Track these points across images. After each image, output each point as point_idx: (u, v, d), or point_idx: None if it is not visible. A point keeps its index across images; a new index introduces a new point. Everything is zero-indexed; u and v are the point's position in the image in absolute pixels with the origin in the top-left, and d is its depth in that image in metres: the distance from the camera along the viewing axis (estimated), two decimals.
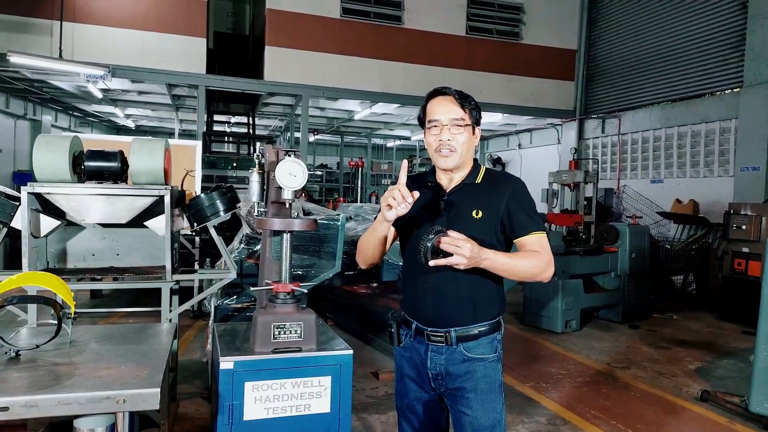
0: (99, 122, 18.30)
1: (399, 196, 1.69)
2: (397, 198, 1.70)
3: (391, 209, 1.72)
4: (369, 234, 1.97)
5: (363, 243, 2.03)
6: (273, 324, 2.45)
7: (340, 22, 10.53)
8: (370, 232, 1.96)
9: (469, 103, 1.94)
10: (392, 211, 1.72)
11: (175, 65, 9.67)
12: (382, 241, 1.96)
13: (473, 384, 1.90)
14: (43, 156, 3.37)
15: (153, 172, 3.60)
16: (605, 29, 11.95)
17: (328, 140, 20.65)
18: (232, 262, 4.03)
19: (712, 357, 5.79)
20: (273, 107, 13.71)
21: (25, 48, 8.67)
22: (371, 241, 1.97)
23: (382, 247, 1.99)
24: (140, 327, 2.72)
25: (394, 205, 1.71)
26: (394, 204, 1.70)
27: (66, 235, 4.03)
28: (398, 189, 1.70)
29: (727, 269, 7.45)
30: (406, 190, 1.70)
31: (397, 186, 1.72)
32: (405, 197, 1.69)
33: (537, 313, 6.72)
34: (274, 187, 2.73)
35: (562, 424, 3.97)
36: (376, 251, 2.00)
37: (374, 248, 1.98)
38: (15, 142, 13.38)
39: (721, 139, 9.32)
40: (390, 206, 1.71)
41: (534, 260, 1.84)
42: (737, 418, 4.10)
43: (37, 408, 1.71)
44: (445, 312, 1.91)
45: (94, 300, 7.34)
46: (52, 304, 2.20)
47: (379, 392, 4.46)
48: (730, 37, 9.07)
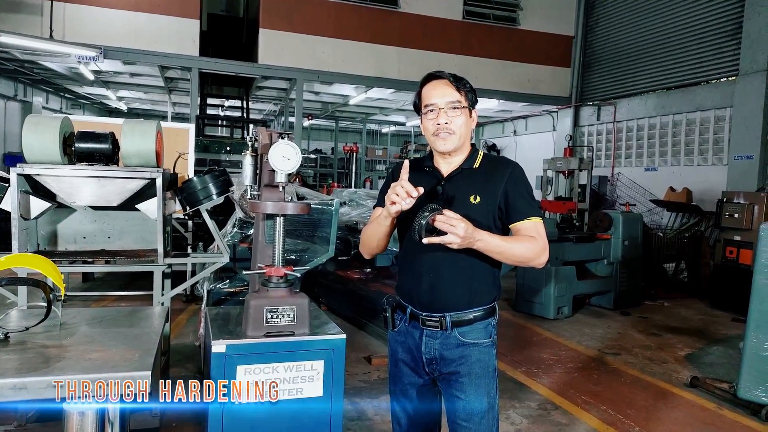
0: (91, 104, 18.12)
1: (403, 193, 1.70)
2: (401, 194, 1.70)
3: (395, 205, 1.73)
4: (373, 228, 1.98)
5: (367, 236, 2.04)
6: (266, 308, 2.43)
7: (335, 6, 10.41)
8: (374, 226, 1.97)
9: (464, 85, 1.93)
10: (396, 206, 1.73)
11: (168, 47, 9.55)
12: (387, 234, 1.97)
13: (467, 369, 1.90)
14: (33, 137, 3.31)
15: (144, 154, 3.56)
16: (602, 16, 11.89)
17: (322, 125, 20.56)
18: (225, 246, 4.00)
19: (702, 344, 5.85)
20: (267, 91, 13.60)
21: (15, 28, 8.52)
22: (376, 234, 1.97)
23: (387, 239, 2.00)
24: (131, 310, 2.70)
25: (398, 201, 1.71)
26: (398, 200, 1.71)
27: (56, 217, 3.99)
28: (401, 185, 1.71)
29: (718, 257, 7.50)
30: (410, 186, 1.70)
31: (400, 182, 1.72)
32: (410, 192, 1.70)
33: (529, 299, 6.74)
34: (268, 170, 2.70)
35: (552, 409, 4.00)
36: (381, 243, 2.01)
37: (379, 241, 1.99)
38: (5, 123, 13.22)
39: (716, 128, 9.33)
40: (394, 203, 1.72)
41: (529, 245, 1.84)
42: (725, 404, 4.15)
43: (26, 390, 1.69)
44: (440, 297, 1.91)
45: (86, 283, 7.30)
46: (42, 286, 2.17)
47: (372, 377, 4.48)
48: (727, 25, 9.04)
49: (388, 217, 1.84)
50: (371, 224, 2.01)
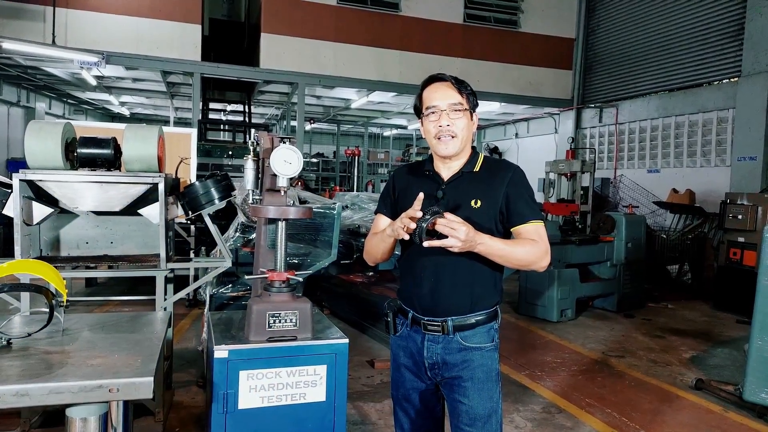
0: (93, 110, 18.17)
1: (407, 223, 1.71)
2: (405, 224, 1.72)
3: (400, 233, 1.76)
4: (377, 241, 1.99)
5: (371, 247, 2.05)
6: (268, 312, 2.43)
7: (336, 9, 10.43)
8: (377, 241, 1.99)
9: (466, 88, 1.92)
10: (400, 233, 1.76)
11: (170, 52, 9.58)
12: (391, 249, 1.99)
13: (470, 373, 1.89)
14: (35, 142, 3.32)
15: (146, 159, 3.56)
16: (604, 18, 11.88)
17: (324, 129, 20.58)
18: (227, 251, 4.00)
19: (706, 346, 5.82)
20: (269, 95, 13.62)
21: (18, 34, 8.56)
22: (380, 247, 1.99)
23: (391, 252, 2.02)
24: (134, 315, 2.69)
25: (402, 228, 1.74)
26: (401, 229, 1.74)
27: (59, 222, 3.99)
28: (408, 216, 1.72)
29: (722, 259, 7.47)
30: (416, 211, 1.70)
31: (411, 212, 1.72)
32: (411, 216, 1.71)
33: (532, 302, 6.73)
34: (269, 174, 2.70)
35: (557, 412, 3.99)
36: (386, 255, 2.02)
37: (383, 253, 2.01)
38: (8, 129, 13.28)
39: (719, 129, 9.31)
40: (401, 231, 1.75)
41: (530, 248, 1.83)
42: (731, 407, 4.12)
43: (28, 397, 1.69)
44: (442, 301, 1.90)
45: (89, 288, 7.32)
46: (44, 292, 2.16)
47: (375, 381, 4.47)
48: (729, 26, 9.02)
49: (392, 236, 1.86)
50: (375, 237, 2.01)
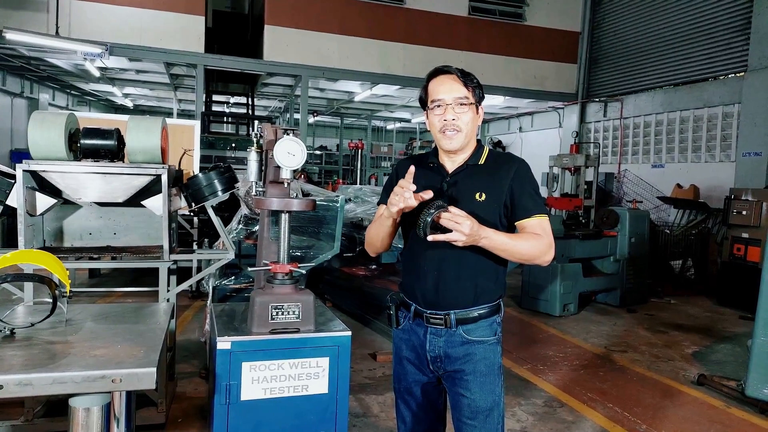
0: (97, 101, 18.18)
1: (400, 192, 1.71)
2: (399, 194, 1.72)
3: (393, 206, 1.76)
4: (376, 227, 1.98)
5: (371, 236, 2.04)
6: (271, 304, 2.43)
7: (340, 2, 10.37)
8: (377, 226, 1.97)
9: (472, 81, 1.90)
10: (395, 207, 1.75)
11: (174, 44, 9.55)
12: (390, 234, 1.97)
13: (472, 366, 1.89)
14: (38, 133, 3.31)
15: (150, 150, 3.55)
16: (609, 11, 11.80)
17: (328, 122, 20.52)
18: (230, 243, 4.00)
19: (709, 341, 5.81)
20: (272, 88, 13.59)
21: (21, 25, 8.54)
22: (379, 234, 1.97)
23: (390, 238, 2.00)
24: (137, 306, 2.69)
25: (396, 202, 1.74)
26: (396, 201, 1.74)
27: (62, 213, 4.00)
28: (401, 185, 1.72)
29: (726, 254, 7.45)
30: (406, 182, 1.71)
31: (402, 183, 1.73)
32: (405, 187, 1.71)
33: (535, 296, 6.72)
34: (273, 166, 2.69)
35: (558, 406, 3.99)
36: (385, 243, 2.01)
37: (382, 241, 1.99)
38: (12, 120, 13.29)
39: (724, 124, 9.26)
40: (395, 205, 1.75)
41: (534, 242, 1.82)
42: (733, 402, 4.12)
43: (31, 386, 1.69)
44: (445, 294, 1.89)
45: (92, 279, 7.34)
46: (47, 283, 2.17)
47: (377, 373, 4.48)
48: (735, 21, 8.95)
49: (389, 218, 1.85)
50: (375, 224, 2.00)
